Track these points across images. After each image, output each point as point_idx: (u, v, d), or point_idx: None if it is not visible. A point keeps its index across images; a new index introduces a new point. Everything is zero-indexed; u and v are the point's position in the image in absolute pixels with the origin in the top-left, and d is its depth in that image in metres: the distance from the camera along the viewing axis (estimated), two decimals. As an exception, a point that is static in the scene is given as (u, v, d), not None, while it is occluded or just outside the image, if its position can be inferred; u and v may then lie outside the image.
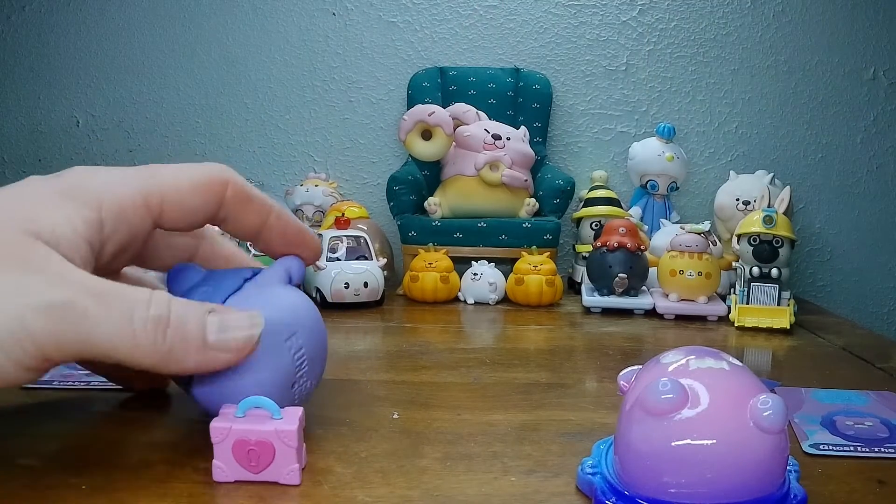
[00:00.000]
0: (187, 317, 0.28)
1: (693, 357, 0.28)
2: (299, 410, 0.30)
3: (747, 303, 0.64)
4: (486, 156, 0.76)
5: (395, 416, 0.38)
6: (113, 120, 0.94)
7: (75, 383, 0.41)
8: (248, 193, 0.33)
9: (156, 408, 0.38)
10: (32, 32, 0.93)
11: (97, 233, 0.29)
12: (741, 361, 0.55)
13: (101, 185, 0.30)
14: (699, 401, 0.26)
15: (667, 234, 0.73)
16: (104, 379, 0.40)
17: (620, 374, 0.31)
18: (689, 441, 0.26)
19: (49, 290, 0.26)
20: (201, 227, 0.34)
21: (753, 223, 0.64)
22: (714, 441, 0.26)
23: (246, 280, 0.33)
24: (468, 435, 0.36)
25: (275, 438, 0.29)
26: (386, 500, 0.29)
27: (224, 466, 0.29)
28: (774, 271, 0.63)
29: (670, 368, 0.28)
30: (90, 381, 0.42)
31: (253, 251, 0.61)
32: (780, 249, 0.64)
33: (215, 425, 0.29)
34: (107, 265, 0.31)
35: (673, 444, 0.26)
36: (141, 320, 0.27)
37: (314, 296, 0.68)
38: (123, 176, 0.31)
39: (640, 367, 0.30)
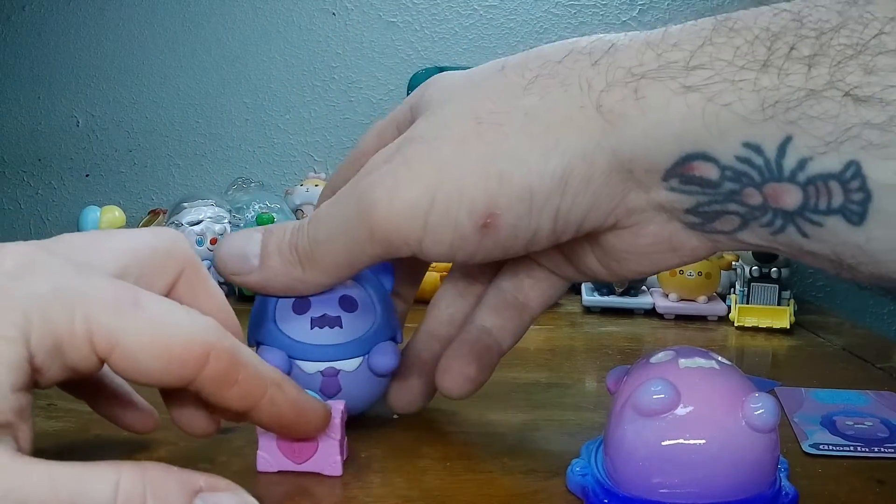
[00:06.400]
0: None
1: (682, 356, 0.28)
2: (341, 404, 0.31)
3: (747, 303, 0.64)
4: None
5: (396, 417, 0.38)
6: (113, 120, 0.94)
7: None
8: (234, 375, 0.25)
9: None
10: (32, 32, 0.93)
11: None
12: (741, 361, 0.55)
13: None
14: (690, 400, 0.26)
15: (667, 234, 0.73)
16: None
17: (608, 373, 0.31)
18: (680, 441, 0.26)
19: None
20: None
21: (753, 223, 0.64)
22: (705, 441, 0.26)
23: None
24: (468, 435, 0.36)
25: None
26: (386, 500, 0.29)
27: (268, 457, 0.30)
28: (774, 271, 0.63)
29: (660, 368, 0.28)
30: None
31: None
32: (780, 249, 0.63)
33: None
34: None
35: (664, 443, 0.26)
36: None
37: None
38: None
39: (629, 366, 0.30)
